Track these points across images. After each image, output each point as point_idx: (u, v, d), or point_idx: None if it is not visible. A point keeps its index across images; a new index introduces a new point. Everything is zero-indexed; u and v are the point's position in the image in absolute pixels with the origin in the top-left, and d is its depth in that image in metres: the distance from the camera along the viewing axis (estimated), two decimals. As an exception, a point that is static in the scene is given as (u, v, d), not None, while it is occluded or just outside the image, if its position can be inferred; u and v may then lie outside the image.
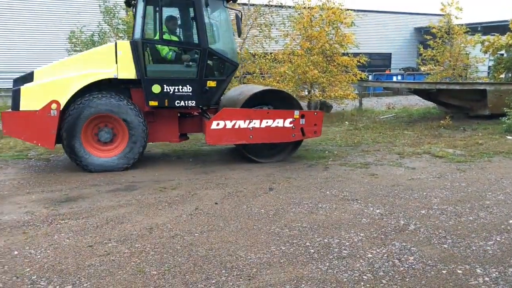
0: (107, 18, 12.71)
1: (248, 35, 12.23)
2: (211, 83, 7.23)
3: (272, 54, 12.46)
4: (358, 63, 13.28)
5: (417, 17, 31.81)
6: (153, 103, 7.09)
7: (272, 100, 7.62)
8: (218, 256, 3.93)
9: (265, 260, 3.86)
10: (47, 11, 21.24)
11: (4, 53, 20.44)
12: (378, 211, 5.11)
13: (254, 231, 4.52)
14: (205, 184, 6.27)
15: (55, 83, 6.88)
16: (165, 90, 7.04)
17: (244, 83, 11.98)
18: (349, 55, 13.36)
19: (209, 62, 7.25)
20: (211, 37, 7.45)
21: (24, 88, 6.85)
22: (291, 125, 7.37)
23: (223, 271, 3.66)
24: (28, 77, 7.14)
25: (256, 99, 7.47)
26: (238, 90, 8.48)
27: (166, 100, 7.09)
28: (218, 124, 7.11)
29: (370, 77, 22.06)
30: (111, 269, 3.69)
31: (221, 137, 7.19)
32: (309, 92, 13.55)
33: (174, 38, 7.39)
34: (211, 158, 8.11)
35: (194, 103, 7.22)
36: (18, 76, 7.39)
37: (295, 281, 3.48)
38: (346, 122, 12.30)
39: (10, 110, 7.00)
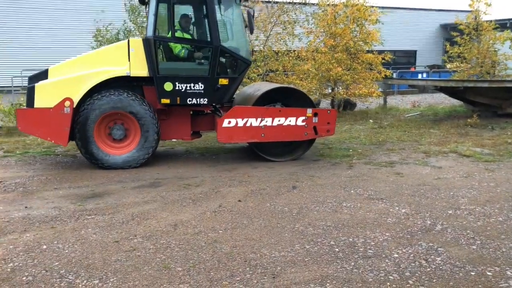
0: (132, 17, 12.86)
1: (271, 33, 12.20)
2: (223, 81, 7.21)
3: (296, 52, 12.41)
4: (383, 61, 13.10)
5: (443, 14, 31.23)
6: (165, 100, 7.11)
7: (285, 98, 7.54)
8: (242, 253, 3.94)
9: (289, 258, 3.84)
10: (72, 9, 21.62)
11: (28, 50, 20.87)
12: (403, 210, 5.03)
13: (278, 229, 4.50)
14: (228, 181, 6.28)
15: (69, 80, 6.97)
16: (177, 87, 7.05)
17: (266, 80, 11.96)
18: (374, 52, 13.19)
19: (221, 59, 7.24)
20: (223, 34, 7.44)
21: (39, 86, 6.97)
22: (304, 123, 7.29)
23: (248, 268, 3.66)
24: (42, 75, 7.27)
25: (269, 97, 7.41)
26: (252, 87, 8.45)
27: (178, 98, 7.10)
28: (229, 122, 7.09)
29: (395, 75, 21.77)
30: (137, 264, 3.73)
31: (232, 135, 7.17)
32: (332, 89, 13.45)
33: (187, 36, 7.40)
34: (233, 155, 8.13)
35: (206, 101, 7.21)
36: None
37: (320, 280, 3.46)
38: (370, 120, 12.16)
39: (25, 107, 7.14)
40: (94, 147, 6.91)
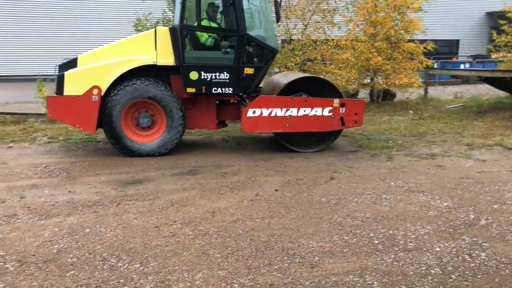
0: (172, 7, 12.96)
1: (310, 21, 12.03)
2: (249, 70, 7.12)
3: (335, 41, 12.21)
4: (425, 50, 12.71)
5: (490, 1, 29.93)
6: (190, 89, 7.10)
7: (312, 88, 7.41)
8: (279, 242, 3.93)
9: (327, 249, 3.81)
10: (113, -1, 22.01)
11: (71, 39, 21.39)
12: (445, 204, 4.89)
13: (315, 219, 4.47)
14: (264, 171, 6.28)
15: (97, 69, 7.08)
16: (202, 77, 7.02)
17: (304, 70, 11.85)
18: (415, 41, 12.81)
19: (247, 48, 7.17)
20: (250, 23, 7.35)
21: (68, 74, 7.13)
22: (330, 114, 7.14)
23: (285, 257, 3.65)
24: (71, 63, 7.44)
25: (296, 87, 7.30)
26: (279, 77, 8.34)
27: (204, 87, 7.07)
28: (254, 112, 7.02)
29: (436, 65, 21.09)
30: (176, 250, 3.80)
31: (257, 125, 7.10)
32: (372, 79, 13.18)
33: (213, 25, 7.34)
34: (269, 145, 8.10)
35: (231, 90, 7.15)
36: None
37: (359, 272, 3.41)
38: (411, 111, 11.85)
39: (55, 94, 7.33)
40: (123, 137, 7.00)
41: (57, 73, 7.41)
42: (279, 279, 3.32)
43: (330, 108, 7.12)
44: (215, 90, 7.10)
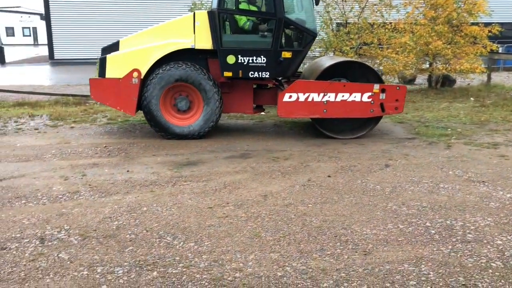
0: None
1: (367, 4, 11.68)
2: (286, 54, 6.98)
3: (392, 24, 11.80)
4: (489, 34, 12.01)
5: None
6: (227, 73, 7.05)
7: (352, 73, 7.20)
8: (332, 228, 3.90)
9: (381, 237, 3.74)
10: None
11: (123, 23, 21.93)
12: (509, 195, 4.66)
13: (369, 206, 4.40)
14: (317, 156, 6.23)
15: (137, 52, 7.21)
16: (239, 61, 6.96)
17: (359, 54, 11.56)
18: (479, 24, 12.13)
19: (285, 32, 7.02)
20: (288, 6, 7.20)
21: (110, 57, 7.31)
22: (370, 99, 6.93)
23: (338, 243, 3.62)
24: (114, 46, 7.59)
25: (335, 71, 7.11)
26: (320, 61, 8.13)
27: (240, 71, 7.01)
28: (290, 97, 6.92)
29: (501, 50, 19.93)
30: (229, 230, 3.86)
31: (293, 110, 7.00)
32: (430, 64, 12.66)
33: (252, 8, 7.24)
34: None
35: (268, 74, 7.04)
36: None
37: (414, 261, 3.33)
38: (472, 98, 11.30)
39: (97, 77, 7.55)
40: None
41: (100, 56, 7.65)
42: (331, 264, 3.30)
43: (370, 93, 6.92)
44: (251, 74, 7.03)
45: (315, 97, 6.91)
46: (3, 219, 4.08)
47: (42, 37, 52.11)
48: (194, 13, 7.15)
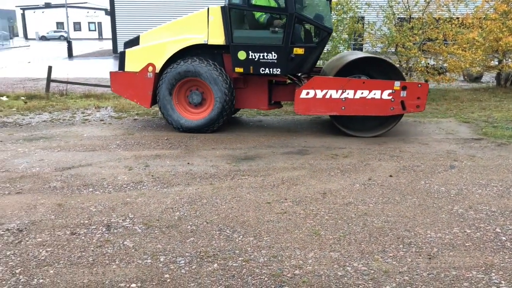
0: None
1: (433, -2, 11.21)
2: (298, 50, 6.80)
3: (460, 19, 11.25)
4: None
5: None
6: (238, 69, 7.00)
7: (373, 69, 6.94)
8: (394, 229, 3.79)
9: (447, 241, 3.59)
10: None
11: (164, 16, 22.36)
12: None
13: (433, 209, 4.23)
14: (378, 155, 6.07)
15: (152, 47, 7.35)
16: (250, 56, 6.87)
17: (423, 50, 11.12)
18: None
19: (297, 28, 6.83)
20: (301, 1, 7.01)
21: (128, 51, 7.53)
22: (390, 97, 6.65)
23: (401, 245, 3.51)
24: (135, 41, 7.76)
25: (355, 68, 6.88)
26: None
27: (251, 67, 6.93)
28: (308, 93, 6.75)
29: None
30: (288, 227, 3.85)
31: (310, 107, 6.83)
32: (500, 62, 11.98)
33: (265, 3, 7.05)
34: (383, 128, 7.80)
35: (280, 70, 6.89)
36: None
37: (483, 268, 3.17)
38: (545, 98, 10.60)
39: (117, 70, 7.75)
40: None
41: (120, 50, 7.90)
42: (394, 267, 3.21)
43: (390, 91, 6.66)
44: (262, 70, 6.94)
45: (333, 93, 6.74)
46: (72, 206, 4.29)
47: (107, 32, 54.42)
48: (208, 9, 7.14)
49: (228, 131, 7.51)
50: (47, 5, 64.99)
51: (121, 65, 7.63)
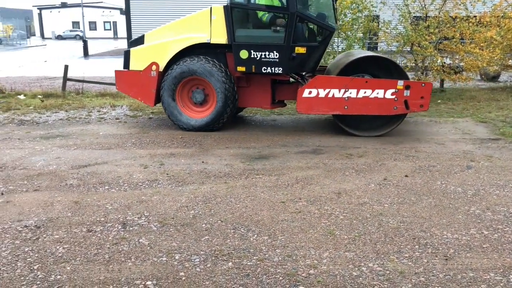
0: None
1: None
2: (300, 49, 6.77)
3: (477, 17, 11.10)
4: None
5: None
6: (240, 68, 7.01)
7: (377, 69, 6.91)
8: (410, 230, 3.76)
9: (464, 242, 3.54)
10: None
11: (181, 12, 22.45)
12: None
13: (450, 209, 4.18)
14: (393, 155, 6.02)
15: (156, 46, 7.44)
16: (252, 55, 6.88)
17: (439, 49, 11.00)
18: None
19: (299, 27, 6.80)
20: (303, 0, 7.00)
21: (133, 50, 7.63)
22: (393, 96, 6.60)
23: (416, 246, 3.48)
24: (139, 40, 7.84)
25: (360, 67, 6.85)
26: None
27: (253, 66, 6.94)
28: (310, 93, 6.74)
29: None
30: (302, 226, 3.84)
31: (312, 106, 6.82)
32: (518, 61, 11.80)
33: (267, 2, 7.04)
34: (398, 128, 7.71)
35: (281, 70, 6.88)
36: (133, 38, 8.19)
37: (501, 270, 3.12)
38: None
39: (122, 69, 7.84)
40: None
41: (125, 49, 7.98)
42: (410, 267, 3.18)
43: (393, 90, 6.62)
44: (264, 69, 6.93)
45: (336, 93, 6.73)
46: (88, 203, 4.34)
47: (122, 31, 54.88)
48: (211, 8, 7.16)
49: (242, 130, 7.52)
50: (63, 5, 65.79)
51: (126, 64, 7.75)
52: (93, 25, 64.52)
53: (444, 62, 10.95)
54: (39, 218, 4.00)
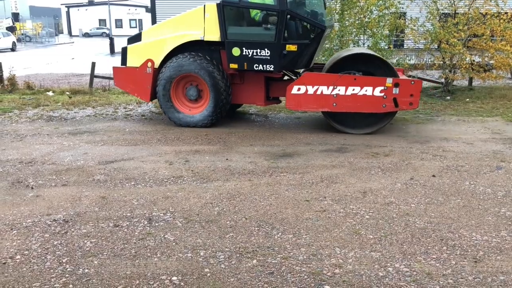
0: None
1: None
2: (291, 47, 6.76)
3: (509, 13, 10.78)
4: None
5: None
6: (233, 65, 7.06)
7: (367, 67, 6.85)
8: (437, 231, 3.69)
9: (494, 244, 3.46)
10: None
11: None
12: None
13: (479, 211, 4.09)
14: (420, 154, 5.92)
15: (152, 44, 7.54)
16: (244, 53, 6.92)
17: (468, 46, 10.73)
18: None
19: (289, 24, 6.77)
20: None
21: (130, 47, 7.75)
22: (382, 94, 6.57)
23: (444, 247, 3.41)
24: (137, 37, 7.96)
25: (350, 64, 6.81)
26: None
27: (245, 64, 6.97)
28: (299, 89, 6.77)
29: None
30: (327, 225, 3.81)
31: (301, 102, 6.85)
32: (551, 59, 11.40)
33: (260, 0, 7.01)
34: (425, 127, 7.60)
35: (273, 67, 6.89)
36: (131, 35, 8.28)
37: (533, 275, 3.04)
38: None
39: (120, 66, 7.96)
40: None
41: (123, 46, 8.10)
42: (437, 269, 3.12)
43: (382, 88, 6.59)
44: (256, 67, 6.97)
45: (324, 90, 6.75)
46: (115, 198, 4.40)
47: (147, 29, 55.35)
48: (205, 5, 7.21)
49: (265, 128, 7.51)
50: (90, 3, 66.94)
51: (123, 61, 7.89)
52: (119, 23, 65.41)
53: (473, 60, 10.68)
54: (67, 212, 4.08)
